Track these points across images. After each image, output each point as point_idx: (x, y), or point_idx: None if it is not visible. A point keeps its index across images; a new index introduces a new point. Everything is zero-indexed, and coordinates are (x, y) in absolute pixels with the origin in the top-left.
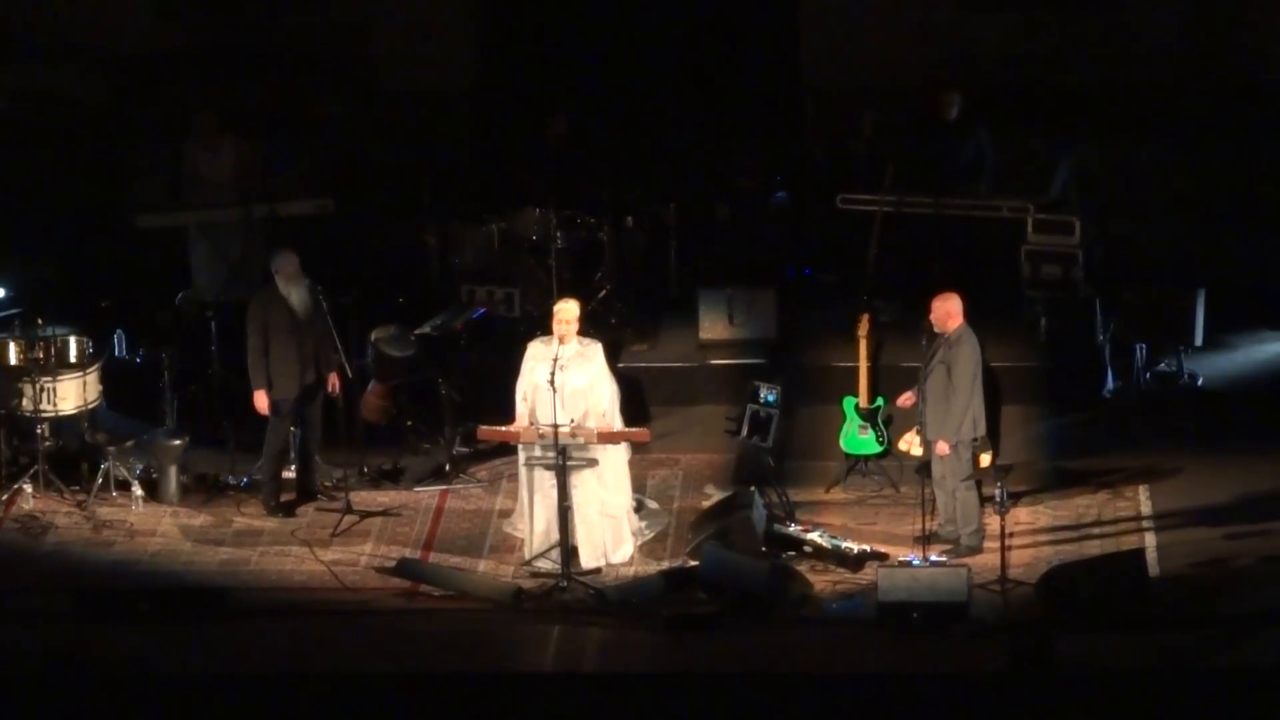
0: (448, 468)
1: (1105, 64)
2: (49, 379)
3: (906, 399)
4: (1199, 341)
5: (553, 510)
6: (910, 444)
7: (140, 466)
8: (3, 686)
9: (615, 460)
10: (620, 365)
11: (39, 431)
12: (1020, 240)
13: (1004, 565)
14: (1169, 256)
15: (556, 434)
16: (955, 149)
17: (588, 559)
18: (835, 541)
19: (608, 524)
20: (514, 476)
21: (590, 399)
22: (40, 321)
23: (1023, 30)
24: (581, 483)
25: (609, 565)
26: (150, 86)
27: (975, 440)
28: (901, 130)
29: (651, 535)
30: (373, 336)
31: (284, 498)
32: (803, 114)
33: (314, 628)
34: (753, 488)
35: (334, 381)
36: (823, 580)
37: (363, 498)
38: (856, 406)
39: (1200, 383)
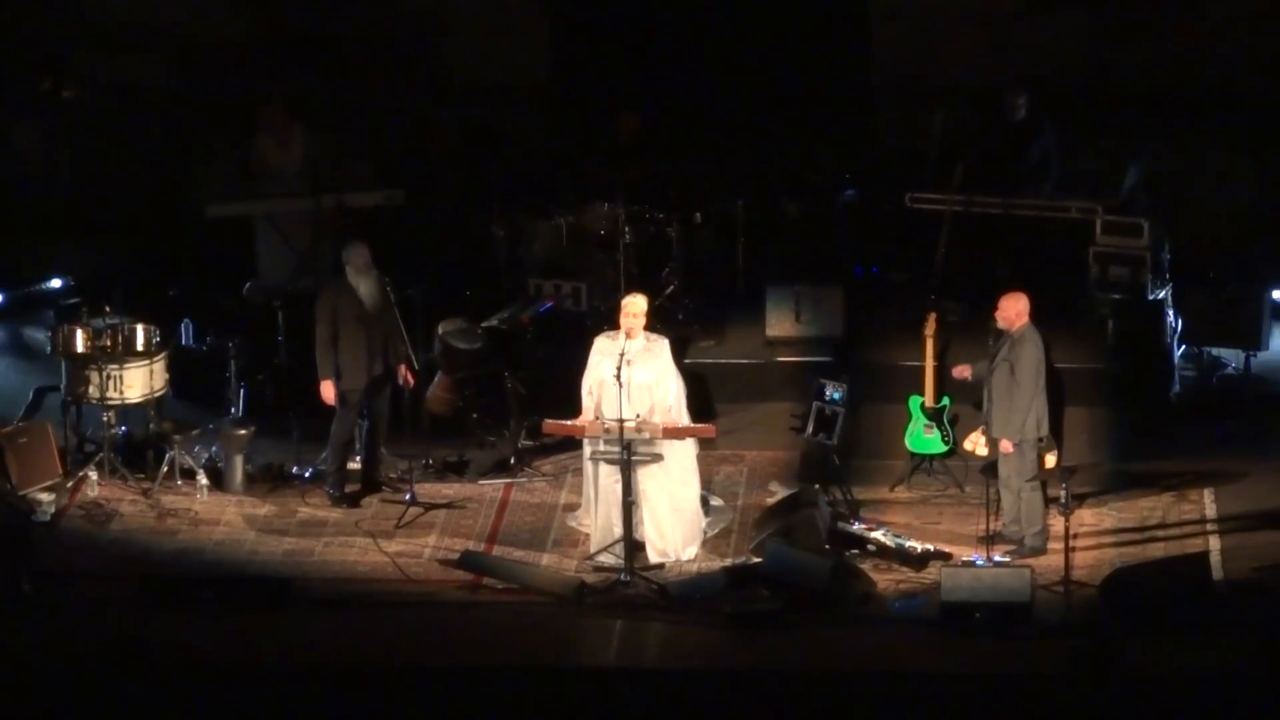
0: (512, 461)
1: (1175, 65)
2: (115, 367)
3: (962, 370)
4: (1266, 346)
5: (617, 505)
6: (975, 444)
7: (205, 455)
8: (65, 673)
9: (683, 455)
10: (686, 361)
11: (105, 419)
12: (1088, 241)
13: (1067, 566)
14: (1237, 260)
15: (622, 428)
16: (1022, 149)
17: (654, 554)
18: (899, 540)
19: (677, 518)
20: (579, 471)
21: (656, 394)
22: (107, 309)
23: (1092, 30)
24: (650, 477)
25: (676, 561)
26: (221, 76)
27: (1040, 440)
28: (970, 129)
29: (715, 532)
30: (440, 329)
31: (349, 489)
32: (872, 112)
33: (377, 619)
34: (817, 485)
35: (406, 374)
36: (886, 579)
37: (427, 490)
38: (922, 405)
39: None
